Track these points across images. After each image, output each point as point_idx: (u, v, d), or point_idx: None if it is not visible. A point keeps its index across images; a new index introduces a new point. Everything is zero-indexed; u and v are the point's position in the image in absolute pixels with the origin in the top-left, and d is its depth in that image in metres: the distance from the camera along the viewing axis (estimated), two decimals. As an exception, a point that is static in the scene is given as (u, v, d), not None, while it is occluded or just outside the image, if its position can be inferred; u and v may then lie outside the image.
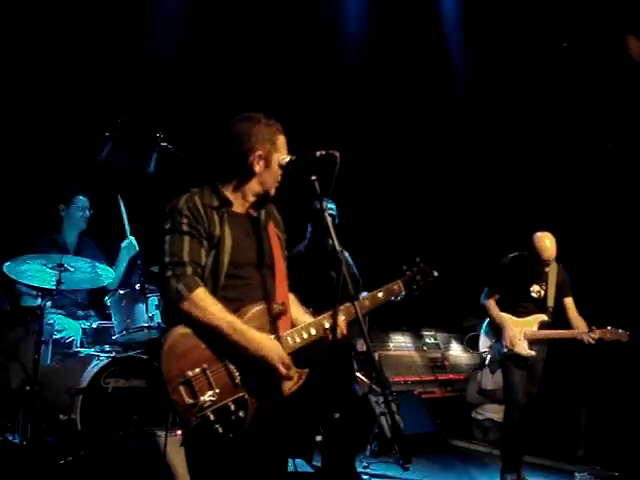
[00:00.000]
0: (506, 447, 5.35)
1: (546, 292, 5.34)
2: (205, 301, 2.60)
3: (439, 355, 8.00)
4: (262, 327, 2.69)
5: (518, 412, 5.22)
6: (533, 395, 5.31)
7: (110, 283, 5.05)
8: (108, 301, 5.05)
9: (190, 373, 2.55)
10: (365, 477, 5.44)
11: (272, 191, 2.87)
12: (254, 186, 2.82)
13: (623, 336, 5.13)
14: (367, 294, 3.00)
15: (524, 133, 7.63)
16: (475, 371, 7.56)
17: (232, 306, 2.67)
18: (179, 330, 2.60)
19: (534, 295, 5.34)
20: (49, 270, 4.44)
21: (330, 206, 5.01)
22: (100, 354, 4.72)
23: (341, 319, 2.64)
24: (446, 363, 7.98)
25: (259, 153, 2.78)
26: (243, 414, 2.59)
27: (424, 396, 7.34)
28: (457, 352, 8.20)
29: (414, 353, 7.80)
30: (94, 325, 5.20)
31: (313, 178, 2.66)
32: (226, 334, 2.59)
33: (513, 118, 7.66)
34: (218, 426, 2.54)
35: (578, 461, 6.31)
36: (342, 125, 7.03)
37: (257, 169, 2.79)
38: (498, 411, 6.74)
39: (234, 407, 2.59)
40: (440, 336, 8.21)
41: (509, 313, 5.36)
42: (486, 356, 5.53)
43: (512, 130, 7.72)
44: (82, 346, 5.03)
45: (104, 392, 4.51)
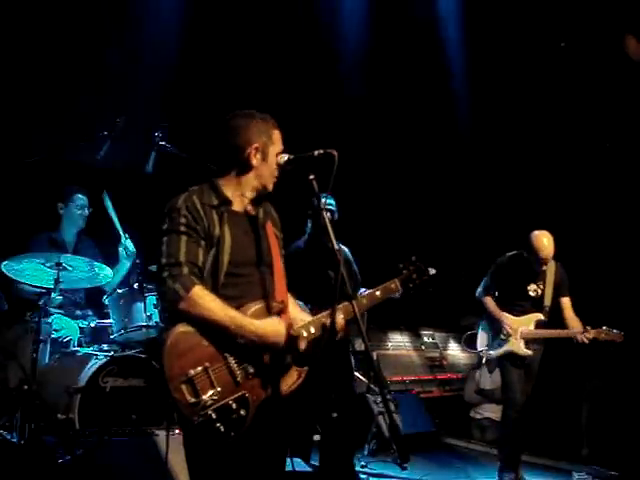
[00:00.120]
0: (504, 446, 5.36)
1: (543, 291, 5.34)
2: (203, 298, 2.59)
3: (437, 354, 8.01)
4: None
5: (516, 411, 5.22)
6: (528, 394, 5.32)
7: (108, 283, 5.04)
8: (106, 300, 5.05)
9: (192, 372, 2.54)
10: (363, 476, 5.44)
11: (269, 187, 2.88)
12: (252, 180, 2.82)
13: (617, 337, 5.13)
14: (365, 292, 3.00)
15: (523, 132, 7.64)
16: (473, 370, 7.57)
17: (232, 304, 2.66)
18: (180, 328, 2.59)
19: (531, 294, 5.34)
20: (47, 269, 4.43)
21: (329, 202, 5.01)
22: (98, 353, 4.72)
23: (339, 317, 2.64)
24: (444, 362, 7.99)
25: (256, 145, 2.79)
26: (244, 412, 2.59)
27: (422, 395, 7.35)
28: (455, 351, 8.20)
29: (412, 352, 7.80)
30: (92, 324, 5.20)
31: (311, 177, 2.67)
32: (228, 328, 2.59)
33: (513, 117, 7.67)
34: (220, 425, 2.53)
35: (576, 460, 6.32)
36: (342, 124, 7.03)
37: (254, 162, 2.80)
38: (496, 410, 6.74)
39: (235, 406, 2.58)
40: (438, 335, 8.22)
41: (506, 311, 5.36)
42: (484, 355, 5.55)
43: (511, 129, 7.73)
44: (80, 345, 5.03)
45: (102, 391, 4.50)
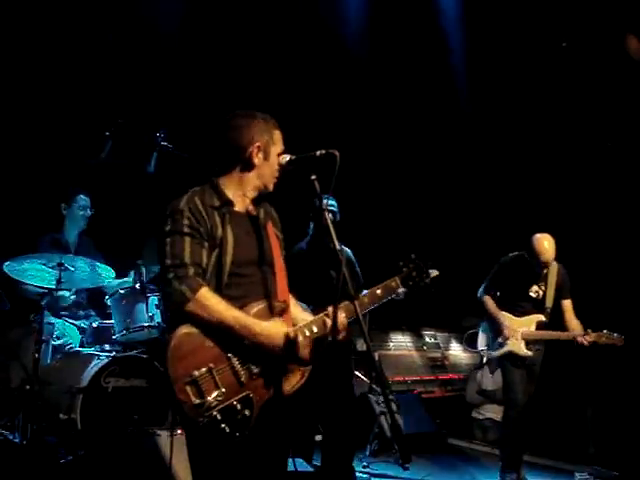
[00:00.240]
0: (506, 446, 5.35)
1: (545, 293, 5.34)
2: (210, 300, 2.60)
3: (439, 355, 8.00)
4: None
5: (517, 411, 5.22)
6: (530, 394, 5.32)
7: (109, 285, 5.04)
8: (108, 301, 5.06)
9: (196, 373, 2.54)
10: (365, 476, 5.44)
11: (270, 186, 2.88)
12: (253, 180, 2.83)
13: (618, 341, 5.13)
14: (366, 292, 3.00)
15: (524, 132, 7.63)
16: (475, 371, 7.56)
17: (236, 304, 2.67)
18: (183, 330, 2.60)
19: (533, 295, 5.34)
20: (49, 269, 4.44)
21: (331, 202, 5.02)
22: (100, 353, 4.72)
23: (341, 316, 2.63)
24: (446, 362, 7.98)
25: (257, 145, 2.80)
26: (249, 413, 2.60)
27: (424, 396, 7.34)
28: (457, 352, 8.20)
29: (414, 353, 7.80)
30: (94, 324, 5.20)
31: (313, 177, 2.67)
32: (234, 329, 2.59)
33: (513, 116, 7.67)
34: (225, 425, 2.54)
35: (578, 460, 6.32)
36: (341, 122, 7.02)
37: (256, 161, 2.80)
38: (498, 411, 6.74)
39: (240, 406, 2.59)
40: (440, 336, 8.21)
41: (507, 312, 5.36)
42: (484, 355, 5.55)
43: (512, 129, 7.72)
44: (82, 346, 5.04)
45: (104, 391, 4.50)
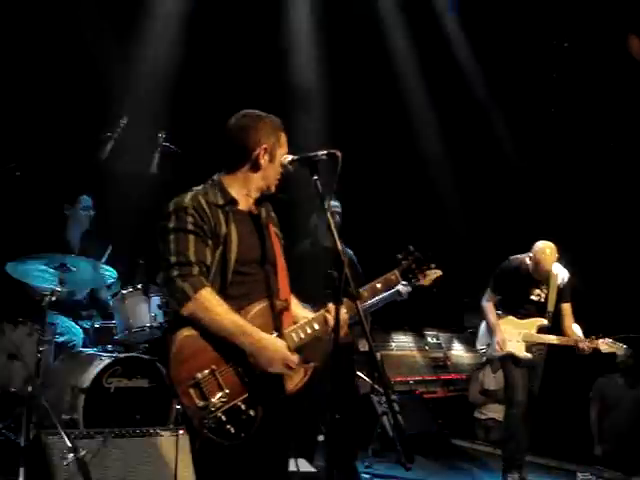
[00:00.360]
0: (508, 446, 5.35)
1: (547, 296, 5.34)
2: (210, 301, 2.59)
3: (441, 355, 7.99)
4: (266, 324, 2.69)
5: (519, 411, 5.22)
6: (534, 396, 5.32)
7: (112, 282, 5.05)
8: (111, 301, 5.06)
9: (199, 375, 2.54)
10: (367, 477, 5.44)
11: (273, 188, 2.88)
12: (258, 181, 2.82)
13: (620, 349, 5.15)
14: (366, 286, 2.99)
15: (525, 132, 7.63)
16: (477, 371, 7.56)
17: (239, 303, 2.66)
18: (185, 332, 2.59)
19: (534, 298, 5.34)
20: (52, 270, 4.44)
21: (334, 204, 5.01)
22: (102, 354, 4.73)
23: (342, 312, 2.62)
24: (448, 363, 7.97)
25: (265, 147, 2.78)
26: (253, 413, 2.59)
27: (426, 396, 7.34)
28: (459, 352, 8.19)
29: (416, 353, 7.79)
30: (96, 325, 5.21)
31: (315, 178, 2.66)
32: (231, 335, 2.59)
33: (514, 116, 7.67)
34: (230, 426, 2.53)
35: (581, 461, 6.32)
36: (341, 120, 7.02)
37: (262, 163, 2.79)
38: (500, 411, 6.72)
39: (244, 406, 2.59)
40: (442, 336, 8.19)
41: (510, 314, 5.36)
42: (485, 355, 5.54)
43: (513, 129, 7.73)
44: (84, 346, 5.04)
45: (106, 392, 4.52)
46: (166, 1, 6.41)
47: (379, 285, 2.96)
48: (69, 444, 3.79)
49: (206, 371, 2.55)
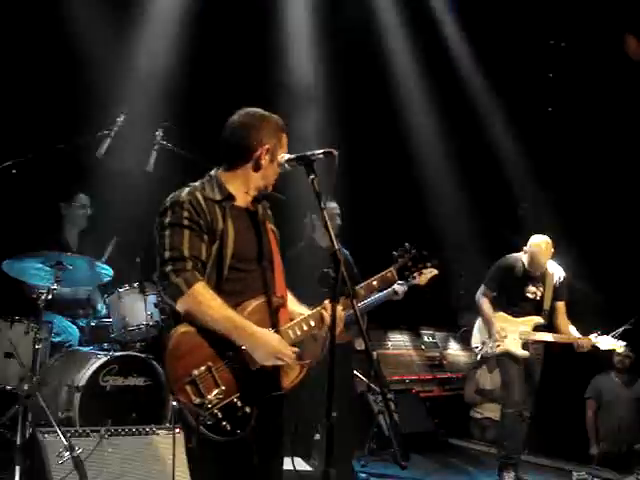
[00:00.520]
0: (504, 445, 5.36)
1: (543, 295, 5.36)
2: (204, 296, 2.59)
3: (437, 354, 8.00)
4: (263, 320, 2.69)
5: (515, 410, 5.23)
6: (532, 394, 5.33)
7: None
8: (107, 299, 5.05)
9: (196, 372, 2.54)
10: (363, 475, 5.45)
11: (270, 187, 2.88)
12: (257, 180, 2.81)
13: (619, 346, 5.16)
14: (362, 284, 2.99)
15: (522, 131, 7.65)
16: (473, 370, 7.57)
17: (235, 299, 2.66)
18: (181, 329, 2.59)
19: (530, 296, 5.35)
20: (48, 268, 4.42)
21: (333, 205, 5.01)
22: (98, 352, 4.72)
23: (338, 309, 2.62)
24: (444, 362, 7.99)
25: (267, 147, 2.78)
26: (249, 409, 2.60)
27: (422, 395, 7.35)
28: (455, 351, 8.20)
29: (412, 352, 7.80)
30: (93, 323, 5.20)
31: (312, 177, 2.66)
32: (225, 330, 2.59)
33: (511, 115, 7.68)
34: (226, 423, 2.54)
35: (577, 460, 6.34)
36: (341, 119, 7.02)
37: (263, 163, 2.78)
38: (496, 410, 6.73)
39: (240, 403, 2.59)
40: (438, 335, 8.21)
41: (505, 312, 5.37)
42: (479, 352, 5.54)
43: (510, 128, 7.74)
44: (81, 344, 5.04)
45: (102, 390, 4.52)
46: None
47: (375, 282, 2.97)
48: (65, 442, 3.79)
49: (202, 368, 2.55)
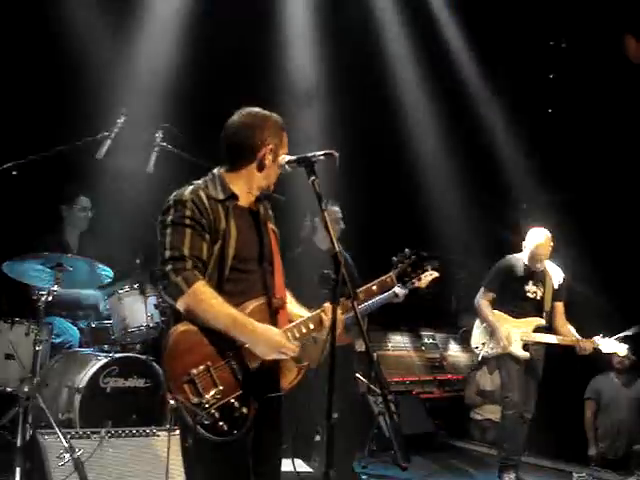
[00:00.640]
0: (504, 447, 5.36)
1: (543, 295, 5.35)
2: (205, 294, 2.59)
3: (437, 355, 8.00)
4: (262, 321, 2.69)
5: (515, 411, 5.23)
6: (534, 395, 5.33)
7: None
8: (107, 301, 5.05)
9: (194, 371, 2.54)
10: (364, 477, 5.45)
11: (272, 187, 2.88)
12: (260, 180, 2.81)
13: (622, 350, 5.16)
14: (362, 288, 2.99)
15: (522, 132, 7.65)
16: (473, 372, 7.57)
17: (236, 300, 2.66)
18: (180, 328, 2.59)
19: (530, 295, 5.35)
20: (48, 270, 4.42)
21: (335, 209, 5.01)
22: (99, 354, 4.72)
23: (337, 312, 2.62)
24: (444, 363, 7.98)
25: (270, 147, 2.78)
26: (246, 410, 2.60)
27: (423, 396, 7.35)
28: (456, 352, 8.19)
29: (413, 353, 7.80)
30: (93, 325, 5.19)
31: (312, 179, 2.66)
32: (226, 327, 2.59)
33: (511, 116, 7.68)
34: (222, 423, 2.54)
35: (577, 461, 6.34)
36: (342, 120, 7.02)
37: (267, 163, 2.79)
38: (496, 411, 6.73)
39: (238, 404, 2.59)
40: (439, 336, 8.20)
41: (505, 312, 5.36)
42: (479, 353, 5.54)
43: (510, 129, 7.74)
44: (81, 346, 5.04)
45: (103, 392, 4.52)
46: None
47: (375, 287, 2.96)
48: (65, 444, 3.79)
49: (201, 367, 2.55)
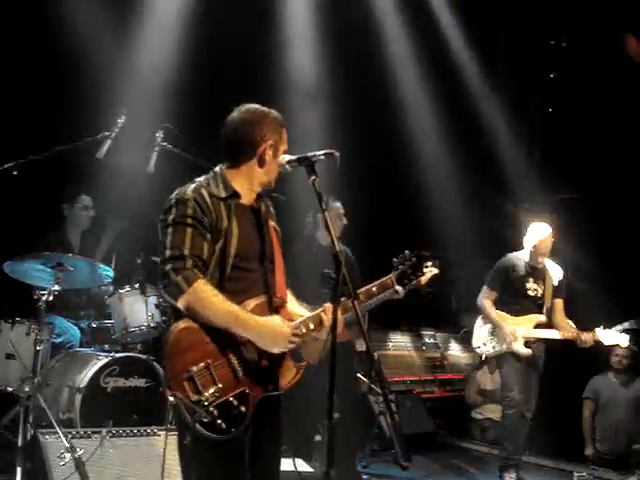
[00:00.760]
0: (505, 446, 5.35)
1: (543, 292, 5.36)
2: (205, 292, 2.58)
3: (438, 355, 8.00)
4: None
5: (516, 411, 5.23)
6: (536, 394, 5.32)
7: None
8: (108, 300, 5.05)
9: (194, 368, 2.53)
10: (365, 476, 5.45)
11: (273, 183, 2.88)
12: (261, 176, 2.81)
13: (623, 341, 5.15)
14: (361, 289, 2.99)
15: (524, 132, 7.65)
16: (473, 372, 7.57)
17: (237, 298, 2.66)
18: (181, 325, 2.59)
19: (530, 293, 5.36)
20: (49, 269, 4.43)
21: (337, 205, 5.01)
22: (100, 354, 4.72)
23: (337, 313, 2.62)
24: (445, 363, 7.98)
25: (270, 142, 2.78)
26: (244, 409, 2.60)
27: (423, 396, 7.35)
28: (456, 352, 8.20)
29: (413, 353, 7.80)
30: (94, 324, 5.20)
31: (313, 178, 2.66)
32: (229, 323, 2.59)
33: (512, 116, 7.68)
34: (221, 421, 2.54)
35: (577, 460, 6.34)
36: (343, 119, 7.02)
37: (267, 158, 2.79)
38: (497, 411, 6.73)
39: (236, 402, 2.59)
40: (439, 336, 8.20)
41: (505, 311, 5.36)
42: (481, 352, 5.54)
43: (511, 129, 7.74)
44: (82, 345, 5.04)
45: (103, 391, 4.52)
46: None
47: (375, 289, 2.96)
48: (66, 444, 3.79)
49: (201, 364, 2.55)
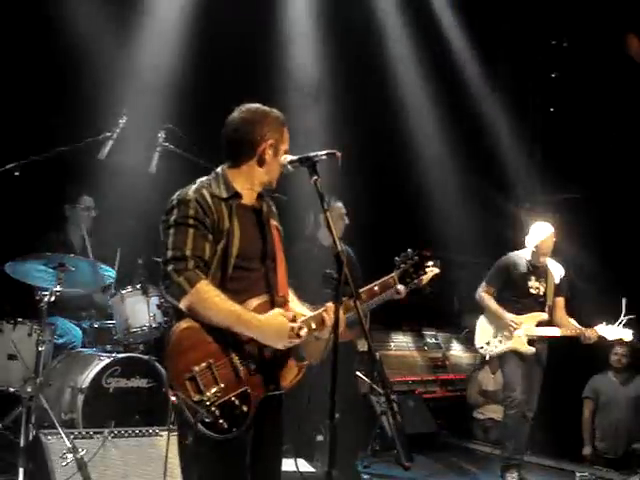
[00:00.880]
0: (507, 446, 5.35)
1: (545, 291, 5.36)
2: (207, 293, 2.59)
3: (440, 355, 8.00)
4: None
5: (518, 411, 5.23)
6: (538, 392, 5.32)
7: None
8: (110, 301, 5.05)
9: (196, 368, 2.54)
10: (366, 476, 5.45)
11: (274, 183, 2.89)
12: (262, 175, 2.82)
13: (627, 335, 5.15)
14: (364, 289, 2.99)
15: (525, 132, 7.65)
16: (475, 372, 7.57)
17: (239, 298, 2.66)
18: (183, 325, 2.60)
19: (533, 292, 5.36)
20: (50, 270, 4.43)
21: (339, 205, 5.01)
22: (101, 354, 4.73)
23: (339, 312, 2.62)
24: (447, 363, 7.98)
25: (271, 142, 2.79)
26: (246, 408, 2.60)
27: (425, 396, 7.35)
28: (458, 352, 8.20)
29: (415, 353, 7.80)
30: (95, 325, 5.20)
31: (315, 178, 2.66)
32: (231, 323, 2.59)
33: (513, 116, 7.68)
34: (223, 421, 2.54)
35: (579, 460, 6.33)
36: (343, 118, 7.02)
37: (267, 158, 2.79)
38: (499, 411, 6.74)
39: (238, 402, 2.59)
40: (441, 336, 8.21)
41: (507, 310, 5.35)
42: (484, 352, 5.53)
43: (512, 129, 7.74)
44: (84, 346, 5.04)
45: (105, 392, 4.52)
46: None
47: (377, 288, 2.97)
48: (68, 444, 3.79)
49: (203, 364, 2.55)
